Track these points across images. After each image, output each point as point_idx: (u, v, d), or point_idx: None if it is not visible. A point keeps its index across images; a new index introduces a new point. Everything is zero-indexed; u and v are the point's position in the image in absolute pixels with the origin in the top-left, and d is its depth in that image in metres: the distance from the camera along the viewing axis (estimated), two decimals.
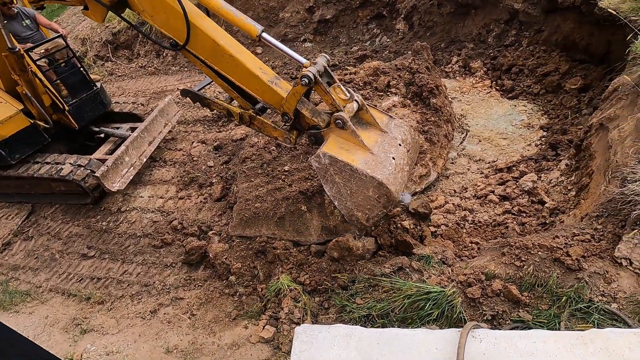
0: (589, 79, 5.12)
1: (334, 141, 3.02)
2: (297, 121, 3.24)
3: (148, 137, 5.77)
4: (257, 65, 3.21)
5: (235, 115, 3.60)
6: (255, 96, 3.30)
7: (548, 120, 5.04)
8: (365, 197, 3.01)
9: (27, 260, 5.07)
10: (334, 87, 2.99)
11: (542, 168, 4.28)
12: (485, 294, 2.79)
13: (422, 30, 7.32)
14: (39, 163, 5.37)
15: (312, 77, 2.84)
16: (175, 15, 3.03)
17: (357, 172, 2.90)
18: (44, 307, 4.39)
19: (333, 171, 2.97)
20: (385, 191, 2.94)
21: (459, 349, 1.57)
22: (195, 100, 3.89)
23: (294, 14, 8.58)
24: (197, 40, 3.13)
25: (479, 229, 3.82)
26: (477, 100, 5.74)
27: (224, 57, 3.14)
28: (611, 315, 2.43)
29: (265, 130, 3.54)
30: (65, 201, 5.62)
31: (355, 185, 2.98)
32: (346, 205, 3.10)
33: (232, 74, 3.23)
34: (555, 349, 1.58)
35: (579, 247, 2.66)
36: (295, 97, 3.04)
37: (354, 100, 3.05)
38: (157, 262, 4.57)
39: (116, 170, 5.11)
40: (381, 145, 3.10)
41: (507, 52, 6.10)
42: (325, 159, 2.95)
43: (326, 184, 3.09)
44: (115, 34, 9.47)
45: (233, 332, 3.66)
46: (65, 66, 5.50)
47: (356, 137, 2.99)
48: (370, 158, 2.97)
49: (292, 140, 3.38)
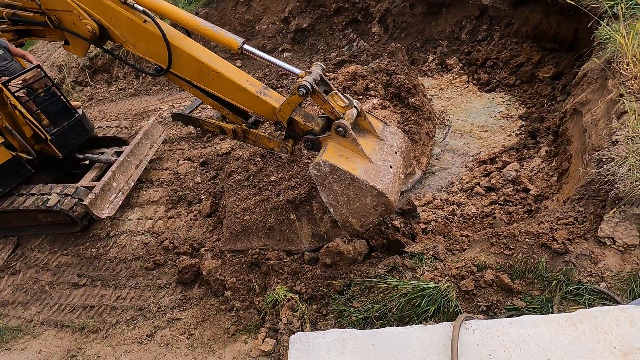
0: (561, 66, 5.28)
1: (334, 149, 3.00)
2: (291, 129, 3.21)
3: (134, 160, 5.72)
4: (244, 78, 3.20)
5: (229, 132, 3.55)
6: (245, 109, 3.28)
7: (525, 110, 5.17)
8: (362, 204, 3.00)
9: (15, 295, 4.94)
10: (332, 94, 2.98)
11: (524, 157, 4.38)
12: (478, 286, 2.82)
13: (397, 31, 7.46)
14: (24, 195, 5.26)
15: (309, 87, 2.81)
16: (155, 41, 3.03)
17: (357, 181, 2.88)
18: (37, 341, 4.28)
19: (332, 179, 2.96)
20: (384, 200, 2.94)
21: (452, 342, 1.59)
22: (187, 123, 3.83)
23: (270, 25, 8.66)
24: (181, 61, 3.13)
25: (468, 222, 3.87)
26: (456, 96, 5.85)
27: (209, 75, 3.13)
28: (600, 295, 2.48)
29: (260, 143, 3.50)
30: (54, 231, 5.51)
31: (353, 194, 2.97)
32: (341, 212, 3.10)
33: (219, 90, 3.21)
34: (546, 332, 1.61)
35: (564, 231, 2.72)
36: (291, 107, 3.03)
37: (353, 107, 3.04)
38: (150, 285, 4.50)
39: (104, 197, 5.05)
40: (379, 153, 3.10)
41: (481, 47, 6.26)
42: (325, 167, 2.92)
43: (323, 191, 3.07)
44: (92, 58, 9.40)
45: (233, 348, 3.62)
46: (45, 95, 5.42)
47: (356, 146, 2.97)
48: (369, 167, 2.96)
49: (288, 148, 3.34)
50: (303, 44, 8.58)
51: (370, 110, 4.68)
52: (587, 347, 1.54)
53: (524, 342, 1.60)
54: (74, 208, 5.00)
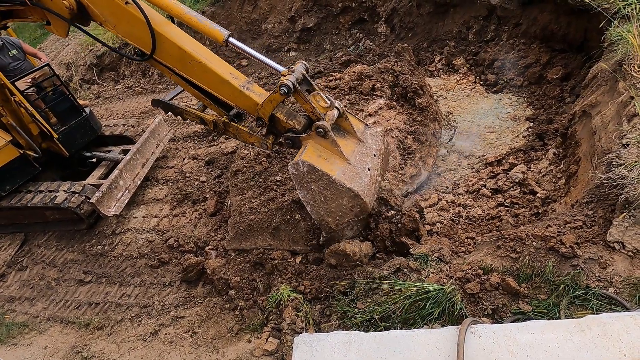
0: (570, 67, 5.21)
1: (313, 149, 3.01)
2: (273, 125, 3.19)
3: (141, 159, 5.75)
4: (228, 70, 3.14)
5: (209, 123, 3.52)
6: (228, 102, 3.24)
7: (533, 111, 5.11)
8: (338, 204, 3.05)
9: (22, 290, 4.99)
10: (314, 94, 2.96)
11: (531, 158, 4.33)
12: (484, 289, 2.79)
13: (403, 31, 7.42)
14: (32, 192, 5.31)
15: (291, 86, 2.80)
16: (138, 24, 2.97)
17: (335, 183, 2.91)
18: (43, 337, 4.31)
19: (310, 179, 2.98)
20: (360, 202, 2.99)
21: (458, 346, 1.57)
22: (167, 109, 3.80)
23: (276, 25, 8.65)
24: (163, 48, 3.06)
25: (473, 224, 3.84)
26: (463, 97, 5.81)
27: (192, 64, 3.07)
28: (609, 300, 2.44)
29: (241, 137, 3.47)
30: (60, 228, 5.56)
31: (330, 194, 3.00)
32: (318, 211, 3.14)
33: (202, 80, 3.16)
34: (554, 338, 1.59)
35: (572, 235, 2.68)
36: (272, 105, 3.00)
37: (335, 108, 3.03)
38: (155, 282, 4.52)
39: (111, 195, 5.08)
40: (358, 155, 3.11)
41: (488, 47, 6.20)
42: (304, 167, 2.94)
43: (301, 190, 3.11)
44: (99, 56, 9.47)
45: (236, 347, 3.62)
46: (53, 94, 5.46)
47: (336, 147, 2.99)
48: (347, 169, 2.99)
49: (268, 145, 3.33)
50: (309, 43, 8.56)
51: (376, 111, 4.66)
52: (596, 353, 1.51)
53: (531, 348, 1.58)
54: (81, 206, 5.05)
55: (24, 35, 12.46)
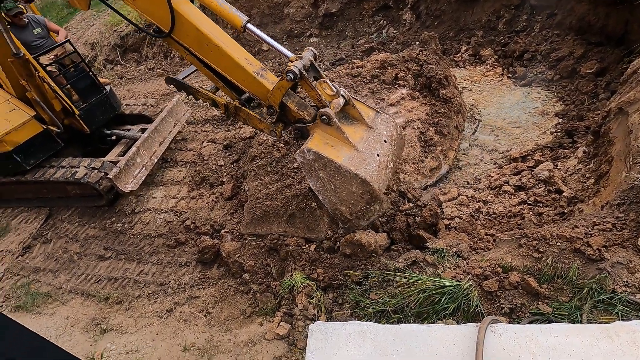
0: (606, 62, 4.94)
1: (319, 137, 3.02)
2: (283, 114, 3.21)
3: (158, 137, 5.84)
4: (243, 56, 3.15)
5: (220, 105, 3.55)
6: (240, 86, 3.26)
7: (563, 107, 4.89)
8: (349, 192, 3.03)
9: (47, 262, 5.20)
10: (320, 82, 2.97)
11: (559, 156, 4.16)
12: (502, 287, 2.73)
13: (429, 19, 7.18)
14: (55, 167, 5.49)
15: (297, 72, 2.80)
16: (157, 1, 2.97)
17: (341, 169, 2.90)
18: (65, 307, 4.50)
19: (317, 166, 2.98)
20: (368, 188, 2.95)
21: (477, 345, 1.53)
22: (180, 88, 3.82)
23: (298, 10, 8.51)
24: (181, 27, 3.07)
25: (494, 221, 3.74)
26: (489, 89, 5.61)
27: (208, 47, 3.08)
28: (636, 307, 2.34)
29: (251, 122, 3.49)
30: (81, 204, 5.74)
31: (339, 181, 2.99)
32: (330, 199, 3.13)
33: (217, 63, 3.18)
34: (578, 343, 1.53)
35: (600, 237, 2.57)
36: (281, 92, 3.01)
37: (341, 96, 3.02)
38: (171, 262, 4.63)
39: (128, 172, 5.19)
40: (366, 141, 3.08)
41: (519, 38, 5.94)
42: (310, 154, 2.95)
43: (310, 179, 3.11)
44: (123, 37, 9.58)
45: (248, 329, 3.69)
46: (75, 71, 5.59)
47: (341, 134, 2.97)
48: (354, 155, 2.97)
49: (278, 132, 3.34)
50: (331, 29, 8.41)
51: (399, 101, 4.55)
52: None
53: (554, 351, 1.53)
54: (100, 181, 5.17)
55: (51, 14, 12.69)
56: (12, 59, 4.66)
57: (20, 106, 5.26)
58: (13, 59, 4.64)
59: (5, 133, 5.03)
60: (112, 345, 3.90)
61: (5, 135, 5.03)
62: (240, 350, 3.53)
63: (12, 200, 6.17)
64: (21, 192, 5.96)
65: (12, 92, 5.29)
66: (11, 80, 5.06)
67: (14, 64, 4.75)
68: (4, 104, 5.18)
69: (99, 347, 3.90)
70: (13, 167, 5.34)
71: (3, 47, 4.53)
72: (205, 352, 3.60)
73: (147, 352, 3.74)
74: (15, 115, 5.18)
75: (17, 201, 6.14)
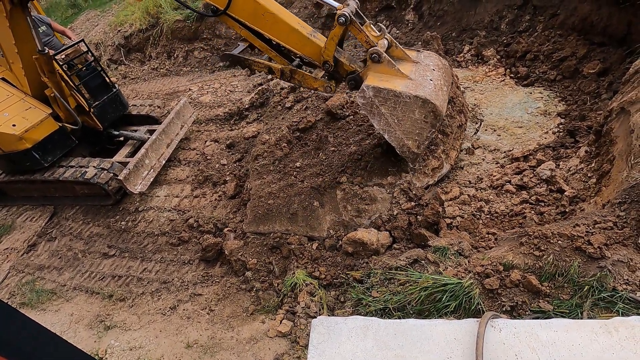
0: (608, 62, 4.94)
1: (373, 76, 3.22)
2: (336, 69, 3.42)
3: (166, 139, 5.88)
4: (296, 21, 3.40)
5: (276, 71, 3.74)
6: (295, 50, 3.46)
7: (565, 107, 4.89)
8: (412, 121, 3.17)
9: (51, 260, 5.25)
10: (366, 25, 3.21)
11: (561, 156, 4.16)
12: (503, 285, 2.74)
13: (432, 20, 7.19)
14: (64, 167, 5.53)
15: (348, 15, 3.01)
16: None
17: (401, 96, 3.06)
18: (69, 304, 4.55)
19: (378, 102, 3.14)
20: (430, 107, 3.08)
21: (477, 339, 1.55)
22: (236, 63, 4.00)
23: (301, 10, 8.55)
24: (237, 3, 3.29)
25: (495, 220, 3.75)
26: (491, 89, 5.61)
27: (264, 16, 3.30)
28: (636, 304, 2.35)
29: (306, 83, 3.67)
30: (88, 203, 5.77)
31: (401, 112, 3.14)
32: (396, 136, 3.27)
33: (272, 31, 3.39)
34: (578, 338, 1.54)
35: (601, 235, 2.58)
36: (334, 41, 3.22)
37: (384, 38, 3.26)
38: (175, 260, 4.66)
39: (137, 173, 5.24)
40: (416, 72, 3.29)
41: (521, 38, 5.94)
42: (369, 91, 3.11)
43: (373, 118, 3.26)
44: (127, 37, 9.64)
45: (251, 326, 3.72)
46: (87, 69, 5.64)
47: (392, 67, 3.18)
48: (409, 82, 3.16)
49: (332, 88, 3.53)
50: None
51: None
52: (622, 356, 1.46)
53: (554, 346, 1.55)
54: (109, 182, 5.22)
55: (56, 14, 12.79)
56: (37, 56, 4.69)
57: (36, 104, 5.30)
58: (38, 55, 4.68)
59: (25, 131, 5.07)
60: (115, 342, 3.93)
61: (24, 133, 5.06)
62: (242, 348, 3.56)
63: (17, 199, 6.23)
64: (28, 191, 6.00)
65: (26, 91, 5.33)
66: (30, 77, 5.08)
67: (38, 61, 4.79)
68: (19, 102, 5.23)
69: (103, 344, 3.94)
70: (31, 165, 5.38)
71: (29, 44, 4.59)
72: (208, 349, 3.63)
73: (150, 349, 3.77)
74: (32, 113, 5.22)
75: (23, 199, 6.20)
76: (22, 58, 4.77)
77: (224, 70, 8.67)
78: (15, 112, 5.14)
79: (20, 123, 5.08)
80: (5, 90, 5.29)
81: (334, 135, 4.43)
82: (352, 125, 4.50)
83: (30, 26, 4.44)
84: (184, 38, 9.24)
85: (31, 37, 4.53)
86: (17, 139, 5.04)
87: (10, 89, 5.32)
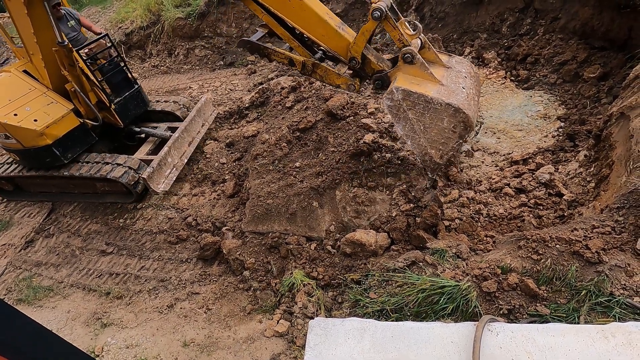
0: (609, 66, 4.95)
1: (403, 78, 3.01)
2: (362, 67, 3.23)
3: (188, 137, 5.78)
4: (324, 11, 3.18)
5: (297, 63, 3.54)
6: (320, 43, 3.27)
7: (565, 111, 4.90)
8: (439, 130, 2.98)
9: (49, 256, 5.23)
10: (401, 22, 3.00)
11: (560, 159, 4.17)
12: (501, 288, 2.75)
13: (433, 21, 7.19)
14: (85, 163, 5.39)
15: (384, 9, 2.81)
16: None
17: (432, 102, 2.86)
18: (66, 301, 4.54)
19: (406, 106, 2.95)
20: (462, 117, 2.88)
21: (474, 342, 1.55)
22: (254, 50, 3.77)
23: None
24: None
25: (494, 223, 3.75)
26: (491, 92, 5.62)
27: (290, 3, 3.11)
28: (633, 310, 2.36)
29: (328, 79, 3.47)
30: (108, 200, 5.62)
31: (429, 119, 2.95)
32: (419, 144, 3.09)
33: (297, 20, 3.20)
34: (574, 342, 1.55)
35: (599, 240, 2.59)
36: (364, 37, 3.03)
37: (418, 38, 3.06)
38: (172, 258, 4.66)
39: (160, 172, 5.15)
40: (449, 77, 3.08)
41: (522, 42, 5.94)
42: (398, 93, 2.92)
43: (398, 123, 3.07)
44: (128, 34, 9.62)
45: (248, 326, 3.71)
46: (109, 65, 5.54)
47: (425, 70, 2.97)
48: (442, 89, 2.96)
49: (356, 86, 3.35)
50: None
51: None
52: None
53: (550, 350, 1.55)
54: (138, 182, 5.14)
55: None
56: (57, 48, 4.62)
57: (57, 99, 5.20)
58: (58, 47, 4.61)
59: (46, 126, 4.97)
60: (112, 340, 3.93)
61: (46, 129, 4.96)
62: (239, 347, 3.56)
63: (35, 194, 6.08)
64: (47, 187, 5.87)
65: (48, 85, 5.22)
66: (50, 70, 4.97)
67: (57, 53, 4.70)
68: (41, 97, 5.13)
69: (100, 341, 3.93)
70: (51, 161, 5.25)
71: (49, 35, 4.50)
72: (205, 348, 3.63)
73: (147, 347, 3.77)
74: (54, 108, 5.12)
75: (41, 195, 6.04)
76: (42, 49, 4.67)
77: (225, 69, 8.66)
78: (37, 107, 5.01)
79: (42, 118, 4.95)
80: (27, 83, 5.15)
81: (334, 135, 4.43)
82: (352, 125, 4.50)
83: (49, 15, 4.33)
84: (185, 36, 9.23)
85: (50, 27, 4.40)
86: (38, 134, 4.92)
87: (32, 83, 5.18)
